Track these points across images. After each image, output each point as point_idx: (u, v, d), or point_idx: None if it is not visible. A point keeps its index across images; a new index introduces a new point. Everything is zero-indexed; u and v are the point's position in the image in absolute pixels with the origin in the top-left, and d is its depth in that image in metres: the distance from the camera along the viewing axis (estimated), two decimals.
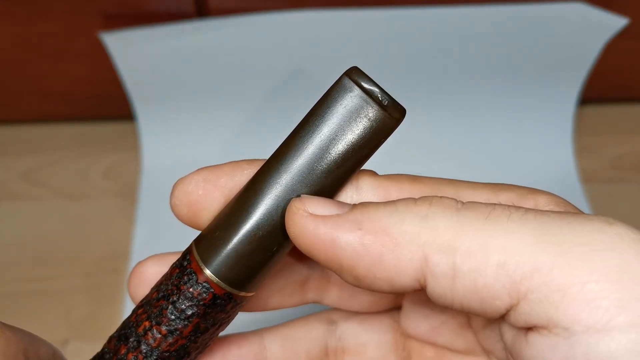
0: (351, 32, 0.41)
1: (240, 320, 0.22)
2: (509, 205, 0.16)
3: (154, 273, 0.21)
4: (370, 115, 0.18)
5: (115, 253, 0.41)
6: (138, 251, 0.41)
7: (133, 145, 0.46)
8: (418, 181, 0.20)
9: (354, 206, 0.17)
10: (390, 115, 0.18)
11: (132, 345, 0.19)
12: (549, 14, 0.40)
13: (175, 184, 0.21)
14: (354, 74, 0.18)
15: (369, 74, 0.18)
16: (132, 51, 0.41)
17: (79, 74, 0.43)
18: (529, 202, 0.19)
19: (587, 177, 0.44)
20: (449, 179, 0.20)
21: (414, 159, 0.45)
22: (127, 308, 0.38)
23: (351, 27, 0.41)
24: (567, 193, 0.43)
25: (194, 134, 0.45)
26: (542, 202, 0.19)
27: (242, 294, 0.19)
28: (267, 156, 0.19)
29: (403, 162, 0.44)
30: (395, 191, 0.19)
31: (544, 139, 0.45)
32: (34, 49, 0.42)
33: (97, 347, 0.21)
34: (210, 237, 0.19)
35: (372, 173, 0.20)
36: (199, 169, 0.21)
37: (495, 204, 0.16)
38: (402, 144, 0.45)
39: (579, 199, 0.43)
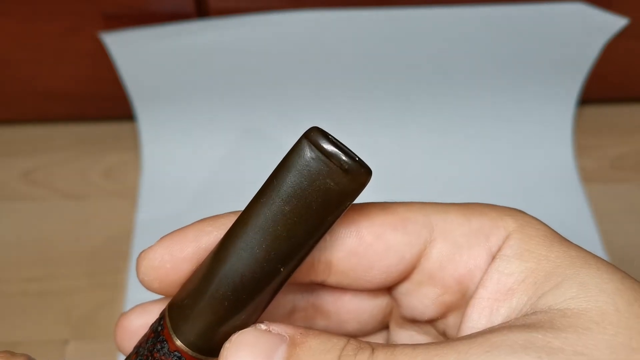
0: (351, 32, 0.41)
1: None
2: None
3: (138, 326, 0.21)
4: (333, 179, 0.17)
5: (115, 253, 0.41)
6: (138, 251, 0.40)
7: (133, 145, 0.46)
8: (388, 211, 0.20)
9: None
10: (354, 179, 0.17)
11: None
12: (549, 14, 0.40)
13: (139, 257, 0.20)
14: (314, 135, 0.17)
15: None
16: (132, 51, 0.41)
17: (79, 74, 0.43)
18: (500, 229, 0.19)
19: (587, 177, 0.44)
20: (420, 204, 0.20)
21: (414, 159, 0.45)
22: (127, 308, 0.38)
23: (351, 27, 0.41)
24: (567, 193, 0.43)
25: (194, 133, 0.45)
26: (512, 227, 0.19)
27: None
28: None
29: (402, 163, 0.44)
30: (366, 227, 0.19)
31: (544, 139, 0.45)
32: (34, 49, 0.42)
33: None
34: (180, 305, 0.19)
35: None
36: (161, 239, 0.20)
37: None
38: (401, 144, 0.45)
39: (579, 199, 0.43)
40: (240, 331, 0.18)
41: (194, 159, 0.44)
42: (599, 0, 0.40)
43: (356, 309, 0.22)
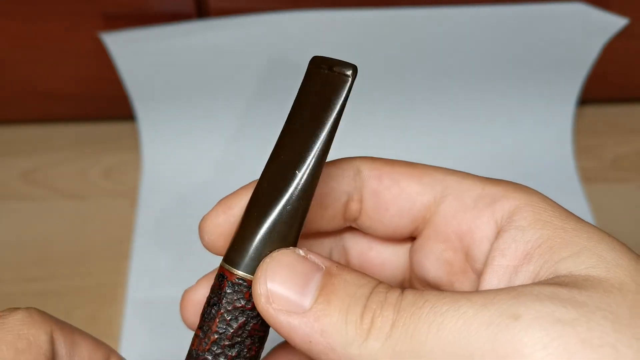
0: (351, 32, 0.41)
1: None
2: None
3: (203, 295, 0.22)
4: (331, 81, 0.21)
5: (115, 253, 0.41)
6: (138, 251, 0.41)
7: (133, 145, 0.46)
8: (410, 166, 0.22)
9: (314, 302, 0.18)
10: (345, 74, 0.20)
11: (192, 355, 0.20)
12: (549, 14, 0.41)
13: (201, 223, 0.22)
14: (314, 61, 0.21)
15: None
16: (132, 51, 0.41)
17: (79, 74, 0.43)
18: (509, 199, 0.20)
19: (587, 177, 0.44)
20: (442, 168, 0.22)
21: (413, 159, 0.44)
22: (128, 308, 0.38)
23: (351, 27, 0.41)
24: (567, 193, 0.43)
25: (194, 133, 0.45)
26: (523, 200, 0.20)
27: None
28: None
29: None
30: (387, 173, 0.22)
31: (544, 139, 0.45)
32: (34, 49, 0.42)
33: None
34: (232, 242, 0.20)
35: (371, 158, 0.22)
36: (219, 202, 0.22)
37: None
38: (401, 144, 0.45)
39: (579, 199, 0.43)
40: (281, 249, 0.19)
41: (194, 159, 0.44)
42: (598, 0, 0.40)
43: (380, 264, 0.24)
